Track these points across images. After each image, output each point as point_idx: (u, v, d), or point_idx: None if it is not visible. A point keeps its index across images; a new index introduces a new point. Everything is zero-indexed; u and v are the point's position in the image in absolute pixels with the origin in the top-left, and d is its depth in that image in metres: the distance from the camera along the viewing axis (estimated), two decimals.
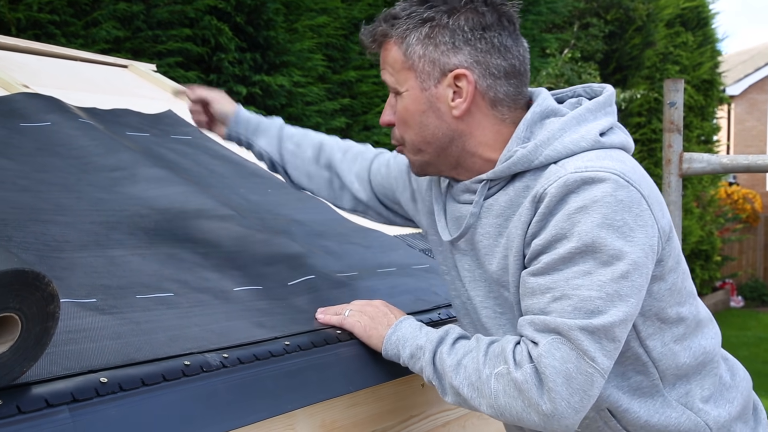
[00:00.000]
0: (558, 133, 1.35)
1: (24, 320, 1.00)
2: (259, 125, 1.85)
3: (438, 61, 1.38)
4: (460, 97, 1.39)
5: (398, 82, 1.42)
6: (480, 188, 1.41)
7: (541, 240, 1.31)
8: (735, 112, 17.09)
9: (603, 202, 1.26)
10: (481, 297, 1.49)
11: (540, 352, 1.27)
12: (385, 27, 1.42)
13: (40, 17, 3.97)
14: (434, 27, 1.38)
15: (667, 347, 1.41)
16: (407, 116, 1.43)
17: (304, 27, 5.26)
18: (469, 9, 1.38)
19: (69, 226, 1.64)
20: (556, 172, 1.31)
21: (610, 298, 1.26)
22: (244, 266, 1.73)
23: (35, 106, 2.22)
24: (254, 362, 1.32)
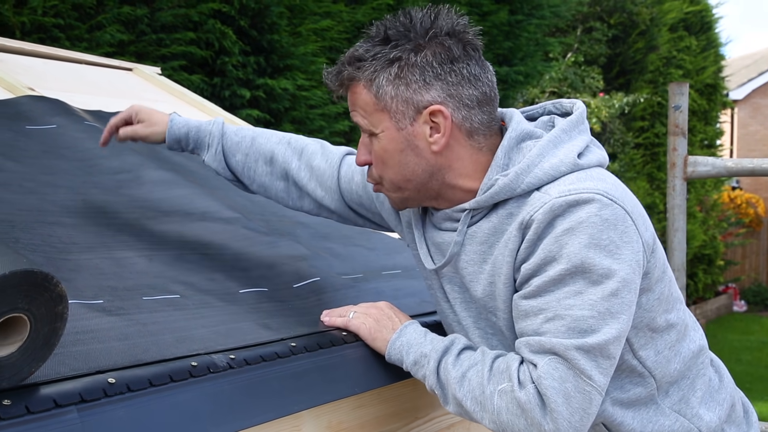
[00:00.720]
0: (537, 159, 1.36)
1: (33, 321, 1.00)
2: (197, 142, 1.78)
3: (411, 100, 1.37)
4: (438, 132, 1.38)
5: (372, 124, 1.41)
6: (463, 217, 1.42)
7: (530, 264, 1.32)
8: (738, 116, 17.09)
9: (589, 223, 1.28)
10: (473, 319, 1.49)
11: (539, 373, 1.29)
12: (350, 70, 1.40)
13: (44, 21, 3.98)
14: (403, 66, 1.36)
15: (661, 355, 1.43)
16: (385, 156, 1.42)
17: (307, 31, 5.27)
18: (435, 43, 1.37)
19: (75, 228, 1.64)
20: (540, 198, 1.33)
21: (602, 317, 1.28)
22: (250, 268, 1.73)
23: (41, 109, 2.23)
24: (261, 363, 1.32)
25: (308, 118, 5.28)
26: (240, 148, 1.76)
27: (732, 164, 3.26)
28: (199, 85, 4.61)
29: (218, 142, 1.76)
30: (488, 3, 7.30)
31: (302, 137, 1.80)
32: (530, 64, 7.87)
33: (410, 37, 1.37)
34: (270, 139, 1.77)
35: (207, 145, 1.76)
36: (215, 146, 1.75)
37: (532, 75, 8.04)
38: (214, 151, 1.75)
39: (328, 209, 1.75)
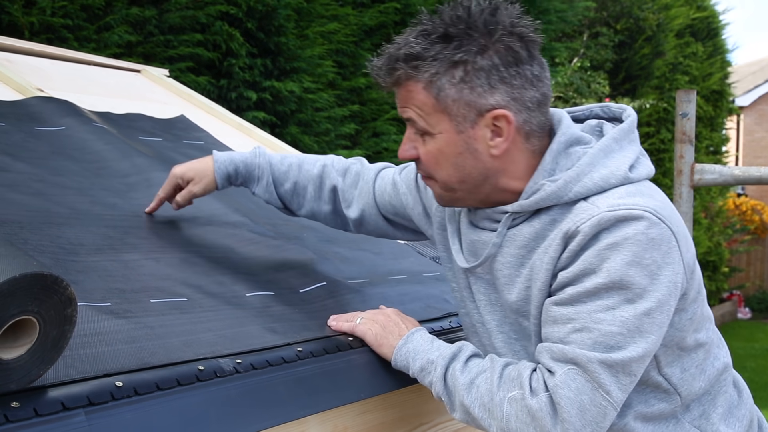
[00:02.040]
0: (587, 168, 1.34)
1: (42, 323, 1.01)
2: (246, 176, 1.78)
3: (474, 104, 1.33)
4: (499, 136, 1.35)
5: (429, 125, 1.37)
6: (504, 219, 1.40)
7: (568, 273, 1.30)
8: (744, 122, 17.07)
9: (634, 240, 1.26)
10: (497, 322, 1.48)
11: (556, 382, 1.28)
12: (407, 70, 1.34)
13: (53, 21, 4.00)
14: (468, 70, 1.31)
15: (687, 373, 1.41)
16: (440, 157, 1.38)
17: (314, 33, 5.27)
18: (500, 44, 1.32)
19: (83, 230, 1.65)
20: (588, 209, 1.30)
21: (631, 335, 1.27)
22: (257, 272, 1.73)
23: (50, 110, 2.23)
24: (267, 368, 1.32)
25: (314, 120, 5.28)
26: (288, 176, 1.77)
27: (739, 172, 3.25)
28: (206, 87, 4.62)
29: (268, 173, 1.77)
30: None
31: (344, 159, 1.83)
32: None
33: (473, 36, 1.31)
34: (315, 164, 1.79)
35: (257, 177, 1.76)
36: (265, 178, 1.76)
37: None
38: (265, 183, 1.76)
39: (368, 225, 1.78)
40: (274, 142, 2.87)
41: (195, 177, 1.76)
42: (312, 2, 5.27)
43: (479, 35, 1.31)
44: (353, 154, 5.52)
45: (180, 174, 1.77)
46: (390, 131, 5.96)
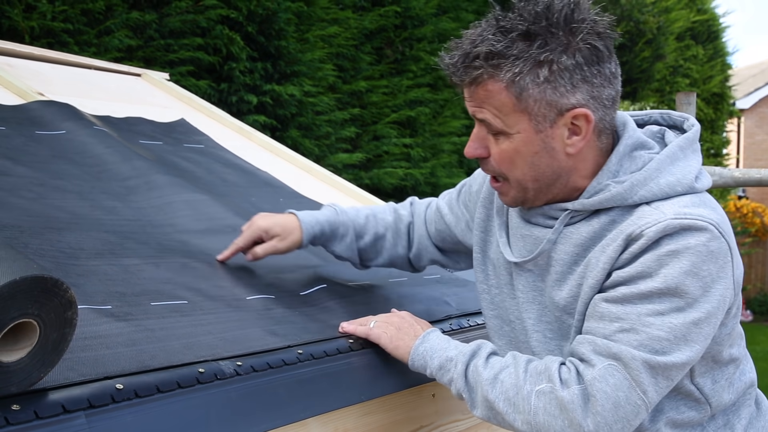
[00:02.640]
0: (654, 173, 1.34)
1: (42, 326, 1.01)
2: (330, 236, 1.75)
3: (556, 103, 1.31)
4: (577, 134, 1.34)
5: (506, 125, 1.34)
6: (563, 216, 1.39)
7: (624, 273, 1.30)
8: (745, 125, 17.06)
9: (695, 251, 1.26)
10: (534, 320, 1.47)
11: (595, 375, 1.28)
12: (488, 68, 1.30)
13: (53, 26, 4.01)
14: (554, 70, 1.29)
15: (718, 384, 1.42)
16: (515, 157, 1.36)
17: (315, 37, 5.29)
18: (583, 42, 1.30)
19: (84, 234, 1.65)
20: (652, 214, 1.30)
21: (677, 341, 1.27)
22: (257, 275, 1.73)
23: (51, 114, 2.24)
24: (268, 370, 1.32)
25: (315, 124, 5.29)
26: (367, 229, 1.77)
27: (739, 174, 3.25)
28: (207, 91, 4.63)
29: (351, 230, 1.76)
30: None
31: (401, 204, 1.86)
32: None
33: (556, 34, 1.29)
34: (386, 211, 1.82)
35: (340, 236, 1.74)
36: (349, 235, 1.75)
37: None
38: (348, 241, 1.74)
39: (424, 259, 1.81)
40: (275, 145, 2.88)
41: (281, 234, 1.70)
42: (312, 6, 5.28)
43: (562, 33, 1.29)
44: (353, 157, 5.53)
45: (265, 228, 1.70)
46: (390, 134, 5.97)
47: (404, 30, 6.22)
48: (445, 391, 1.70)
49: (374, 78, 5.96)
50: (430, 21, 6.38)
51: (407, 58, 6.25)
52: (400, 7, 6.04)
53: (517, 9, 1.31)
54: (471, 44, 1.32)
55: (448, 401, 1.73)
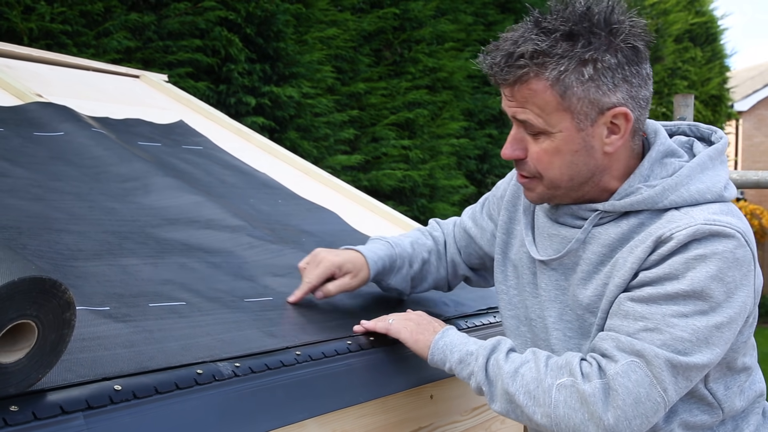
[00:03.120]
0: (685, 179, 1.37)
1: (41, 327, 1.01)
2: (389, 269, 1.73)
3: (598, 102, 1.34)
4: (615, 133, 1.37)
5: (548, 124, 1.36)
6: (592, 217, 1.42)
7: (651, 274, 1.33)
8: (743, 127, 17.08)
9: (722, 257, 1.30)
10: (554, 318, 1.49)
11: (617, 370, 1.30)
12: (533, 67, 1.32)
13: (52, 27, 4.01)
14: (598, 69, 1.32)
15: (730, 391, 1.45)
16: (556, 156, 1.38)
17: (313, 39, 5.29)
18: (624, 42, 1.33)
19: (82, 235, 1.65)
20: (682, 218, 1.34)
21: (699, 344, 1.30)
22: (255, 276, 1.73)
23: (49, 116, 2.24)
24: (266, 371, 1.32)
25: (313, 125, 5.29)
26: (415, 257, 1.77)
27: (737, 176, 3.26)
28: (205, 93, 4.63)
29: (407, 260, 1.75)
30: (494, 13, 7.32)
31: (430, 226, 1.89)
32: None
33: (598, 34, 1.32)
34: (425, 235, 1.84)
35: (397, 268, 1.73)
36: (405, 267, 1.74)
37: None
38: (404, 272, 1.74)
39: (462, 276, 1.83)
40: (273, 147, 2.88)
41: (353, 270, 1.67)
42: (311, 8, 5.28)
43: (604, 34, 1.32)
44: (352, 159, 5.53)
45: (339, 264, 1.65)
46: (389, 136, 5.97)
47: (403, 32, 6.22)
48: (443, 392, 1.70)
49: (373, 80, 5.96)
50: (428, 23, 6.38)
51: (406, 60, 6.25)
52: (398, 9, 6.05)
53: (556, 12, 1.34)
54: (513, 44, 1.34)
55: (447, 402, 1.73)
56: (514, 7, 7.54)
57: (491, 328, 1.90)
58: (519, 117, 1.38)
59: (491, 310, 1.99)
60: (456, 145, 6.70)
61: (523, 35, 1.34)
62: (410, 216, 5.87)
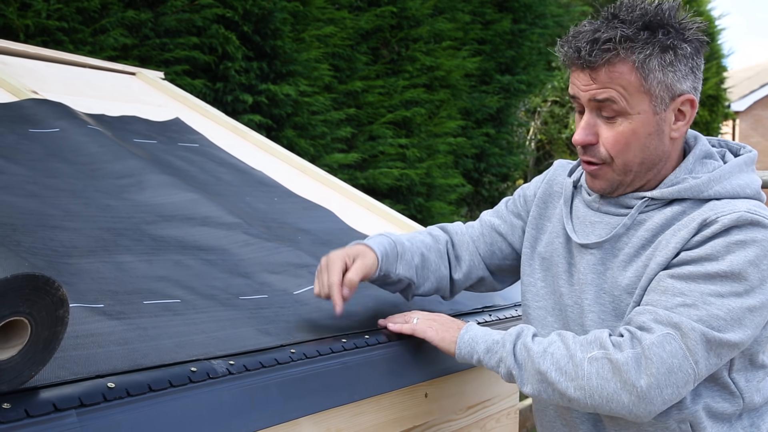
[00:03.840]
0: (727, 174, 1.49)
1: (34, 324, 1.00)
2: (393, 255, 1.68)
3: (673, 87, 1.44)
4: (681, 120, 1.48)
5: (629, 105, 1.44)
6: (639, 204, 1.51)
7: (692, 253, 1.41)
8: (740, 127, 17.10)
9: (761, 245, 1.39)
10: (590, 301, 1.54)
11: (653, 340, 1.36)
12: (621, 50, 1.41)
13: (48, 24, 4.00)
14: (678, 55, 1.43)
15: (750, 384, 1.51)
16: (632, 138, 1.46)
17: (310, 37, 5.28)
18: (695, 35, 1.45)
19: (77, 232, 1.64)
20: (725, 206, 1.43)
21: (733, 323, 1.37)
22: (250, 274, 1.73)
23: (44, 112, 2.23)
24: (260, 369, 1.32)
25: (310, 123, 5.29)
26: (414, 250, 1.73)
27: None
28: (202, 90, 4.62)
29: (408, 251, 1.72)
30: (491, 12, 7.32)
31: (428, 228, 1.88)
32: (533, 73, 7.89)
33: (672, 26, 1.43)
34: (422, 234, 1.82)
35: (399, 254, 1.69)
36: (407, 254, 1.71)
37: (534, 84, 8.06)
38: (408, 257, 1.70)
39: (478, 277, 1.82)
40: (270, 144, 2.88)
41: (361, 254, 1.62)
42: (308, 6, 5.27)
43: (675, 30, 1.43)
44: (349, 157, 5.52)
45: (345, 253, 1.62)
46: (386, 135, 5.97)
47: (400, 30, 6.22)
48: (438, 391, 1.70)
49: (370, 78, 5.96)
50: (426, 21, 6.38)
51: (403, 59, 6.25)
52: (396, 8, 6.04)
53: (627, 8, 1.44)
54: (596, 32, 1.43)
55: (441, 401, 1.73)
56: (512, 6, 7.55)
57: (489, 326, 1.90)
58: (599, 97, 1.45)
59: (487, 308, 1.99)
60: (453, 143, 6.70)
61: (607, 24, 1.43)
62: (407, 215, 5.87)
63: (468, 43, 7.02)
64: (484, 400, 1.94)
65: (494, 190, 8.04)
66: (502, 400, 2.04)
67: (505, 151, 7.81)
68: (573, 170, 1.68)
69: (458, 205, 7.43)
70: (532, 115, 10.09)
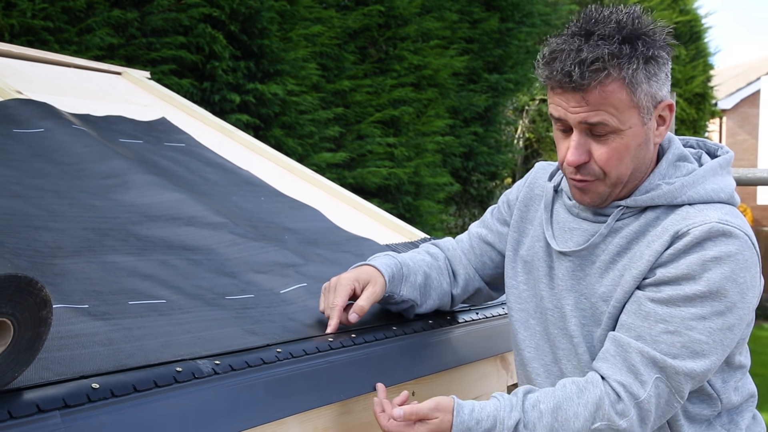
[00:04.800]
0: (701, 179, 1.48)
1: (16, 325, 1.00)
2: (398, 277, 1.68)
3: (655, 95, 1.44)
4: (662, 125, 1.48)
5: (621, 122, 1.42)
6: (615, 212, 1.51)
7: (669, 272, 1.42)
8: (727, 125, 17.18)
9: (735, 259, 1.39)
10: (571, 306, 1.56)
11: (649, 393, 1.41)
12: (611, 68, 1.39)
13: (33, 23, 3.97)
14: (659, 64, 1.43)
15: (727, 384, 1.53)
16: (625, 152, 1.45)
17: (298, 36, 5.27)
18: (667, 42, 1.46)
19: (61, 233, 1.63)
20: (697, 215, 1.43)
21: (715, 345, 1.40)
22: (237, 274, 1.73)
23: (29, 112, 2.22)
24: (246, 369, 1.32)
25: (298, 123, 5.28)
26: (418, 269, 1.73)
27: None
28: (189, 90, 4.61)
29: (413, 270, 1.72)
30: (479, 11, 7.33)
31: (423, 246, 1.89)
32: (520, 72, 7.90)
33: (647, 34, 1.42)
34: (421, 252, 1.83)
35: (404, 276, 1.69)
36: (412, 275, 1.71)
37: (522, 83, 8.07)
38: (413, 280, 1.70)
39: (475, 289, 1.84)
40: (257, 144, 2.87)
41: (370, 279, 1.63)
42: (295, 5, 5.26)
43: (650, 38, 1.43)
44: (337, 156, 5.52)
45: (354, 277, 1.62)
46: (374, 134, 5.97)
47: (388, 29, 6.21)
48: (425, 389, 1.70)
49: (358, 77, 5.95)
50: (413, 20, 6.38)
51: (391, 58, 6.25)
52: (383, 7, 6.04)
53: (600, 23, 1.42)
54: (579, 52, 1.40)
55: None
56: (499, 5, 7.55)
57: (474, 325, 1.91)
58: (592, 120, 1.42)
59: (473, 307, 1.99)
60: (441, 142, 6.70)
61: (588, 43, 1.40)
62: (395, 214, 5.87)
63: (456, 42, 7.02)
64: (471, 397, 1.94)
65: (482, 189, 8.04)
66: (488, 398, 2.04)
67: (493, 149, 7.82)
68: (553, 174, 1.67)
69: (446, 203, 7.44)
70: (520, 113, 10.10)
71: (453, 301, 1.84)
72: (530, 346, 1.65)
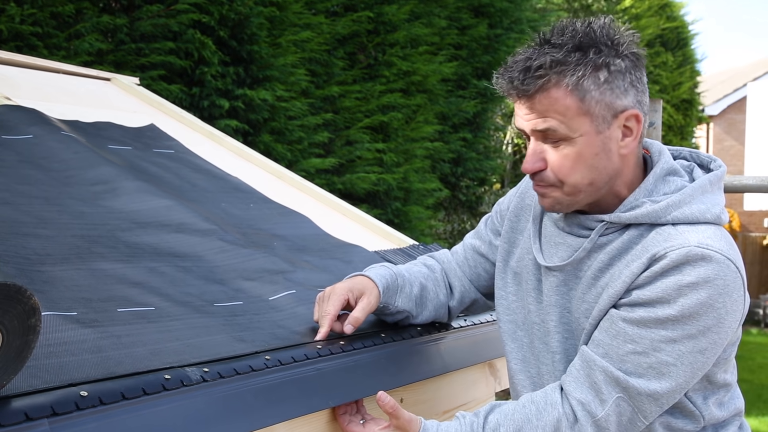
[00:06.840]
0: (688, 198, 1.45)
1: (5, 333, 1.00)
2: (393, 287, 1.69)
3: (613, 104, 1.42)
4: (628, 136, 1.45)
5: (570, 129, 1.42)
6: (599, 227, 1.48)
7: (644, 295, 1.40)
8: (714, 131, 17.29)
9: (713, 284, 1.36)
10: (555, 322, 1.56)
11: (608, 411, 1.41)
12: (553, 75, 1.40)
13: (22, 29, 3.96)
14: (612, 71, 1.41)
15: (709, 401, 1.51)
16: (577, 160, 1.44)
17: (287, 42, 5.27)
18: (628, 50, 1.43)
19: (50, 240, 1.63)
20: (676, 237, 1.40)
21: (683, 367, 1.39)
22: (225, 280, 1.73)
23: (17, 119, 2.22)
24: (234, 377, 1.32)
25: (287, 128, 5.28)
26: (413, 280, 1.74)
27: None
28: (178, 95, 4.60)
29: (407, 281, 1.73)
30: (468, 17, 7.35)
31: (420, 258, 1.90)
32: None
33: (604, 44, 1.41)
34: (417, 264, 1.84)
35: (400, 287, 1.70)
36: (407, 286, 1.72)
37: None
38: (408, 290, 1.71)
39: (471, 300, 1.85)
40: (246, 150, 2.87)
41: (365, 290, 1.64)
42: (285, 11, 5.27)
43: (609, 44, 1.42)
44: (326, 162, 5.52)
45: (348, 288, 1.63)
46: (363, 139, 5.97)
47: (377, 35, 6.23)
48: (413, 396, 1.71)
49: (347, 83, 5.96)
50: (402, 26, 6.39)
51: (380, 64, 6.26)
52: (372, 13, 6.05)
53: (559, 30, 1.43)
54: (527, 60, 1.42)
55: (417, 406, 1.73)
56: (488, 11, 7.58)
57: (462, 331, 1.91)
58: (539, 127, 1.44)
59: (461, 314, 2.00)
60: (430, 148, 6.71)
61: (538, 51, 1.42)
62: (384, 219, 5.88)
63: (444, 48, 7.04)
64: (460, 404, 1.94)
65: (471, 195, 8.06)
66: (477, 405, 2.05)
67: (482, 155, 7.84)
68: None
69: (435, 209, 7.45)
70: (509, 119, 10.13)
71: (450, 313, 1.85)
72: (517, 358, 1.65)
